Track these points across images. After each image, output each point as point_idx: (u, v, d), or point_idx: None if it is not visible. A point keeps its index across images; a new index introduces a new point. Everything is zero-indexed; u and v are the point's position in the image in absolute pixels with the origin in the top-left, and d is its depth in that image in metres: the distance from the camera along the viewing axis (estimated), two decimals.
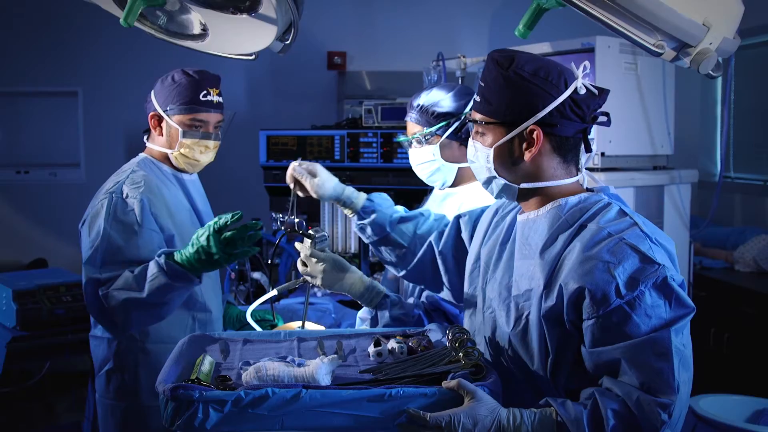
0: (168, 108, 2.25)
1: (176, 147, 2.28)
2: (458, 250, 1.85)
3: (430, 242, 1.92)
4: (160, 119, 2.28)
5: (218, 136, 2.34)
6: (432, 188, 2.33)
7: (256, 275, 3.46)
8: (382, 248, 2.03)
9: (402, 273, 2.02)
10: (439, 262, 1.88)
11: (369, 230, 2.02)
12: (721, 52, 1.48)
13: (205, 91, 2.27)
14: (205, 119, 2.28)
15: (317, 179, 2.06)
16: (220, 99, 2.32)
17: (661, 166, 3.16)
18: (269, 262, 2.51)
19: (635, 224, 1.40)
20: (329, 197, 2.08)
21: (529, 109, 1.43)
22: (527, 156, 1.46)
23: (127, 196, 2.17)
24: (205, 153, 2.32)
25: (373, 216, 2.02)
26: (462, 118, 2.09)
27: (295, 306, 2.95)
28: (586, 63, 1.45)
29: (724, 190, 3.55)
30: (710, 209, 3.59)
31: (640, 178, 2.97)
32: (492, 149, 1.48)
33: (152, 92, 2.30)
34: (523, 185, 1.49)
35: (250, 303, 3.10)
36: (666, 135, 3.11)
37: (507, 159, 1.48)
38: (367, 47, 4.93)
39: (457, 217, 1.88)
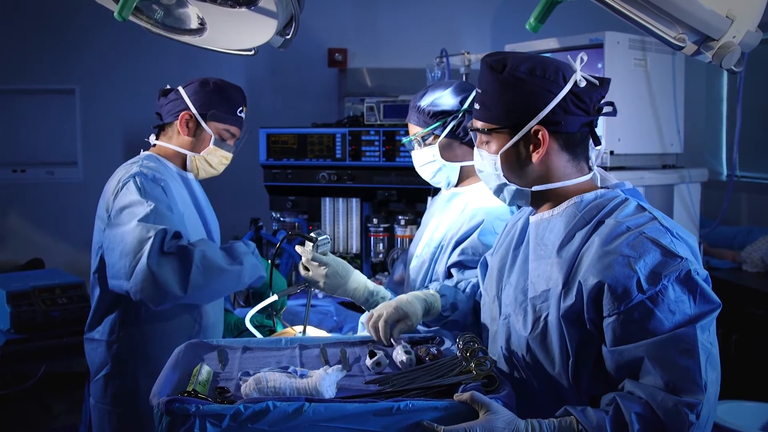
0: (209, 113, 2.26)
1: (203, 152, 2.29)
2: None
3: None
4: (192, 120, 2.27)
5: (235, 150, 2.40)
6: (434, 188, 2.28)
7: None
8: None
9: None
10: None
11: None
12: (744, 46, 1.41)
13: (240, 107, 2.34)
14: (235, 133, 2.35)
15: (408, 321, 1.72)
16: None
17: (671, 164, 3.10)
18: (269, 263, 2.44)
19: (654, 218, 1.36)
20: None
21: (530, 109, 1.40)
22: (535, 157, 1.43)
23: (153, 178, 2.16)
24: (222, 164, 2.36)
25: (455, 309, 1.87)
26: (459, 115, 2.04)
27: (295, 308, 2.89)
28: (583, 55, 1.41)
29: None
30: (717, 208, 3.54)
31: (650, 177, 2.91)
32: (498, 156, 1.46)
33: (183, 91, 2.28)
34: (535, 188, 1.46)
35: (250, 304, 3.03)
36: (675, 133, 3.04)
37: (515, 163, 1.45)
38: (368, 44, 4.87)
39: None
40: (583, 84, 1.40)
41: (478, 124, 1.48)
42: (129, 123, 4.51)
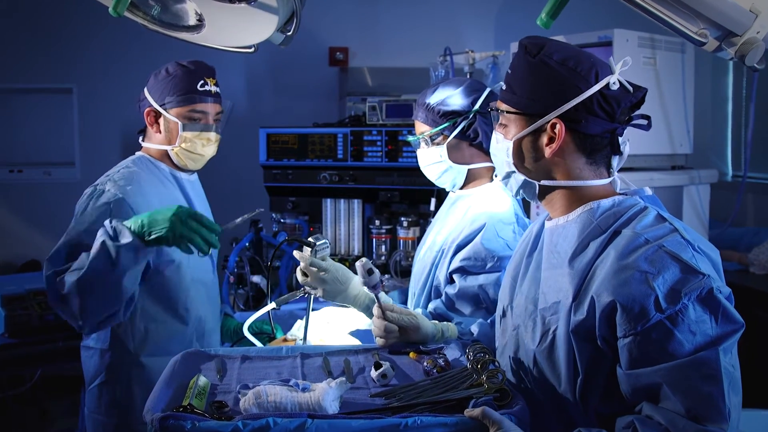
0: (165, 101, 2.16)
1: (177, 142, 2.19)
2: None
3: None
4: (157, 115, 2.19)
5: (218, 129, 2.25)
6: (438, 189, 2.22)
7: (256, 279, 3.33)
8: None
9: None
10: None
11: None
12: None
13: (202, 81, 2.19)
14: (204, 110, 2.20)
15: (420, 331, 1.73)
16: (218, 89, 2.23)
17: (680, 165, 3.04)
18: (269, 264, 2.38)
19: (675, 230, 1.27)
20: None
21: (552, 100, 1.32)
22: (548, 151, 1.35)
23: (108, 191, 2.06)
24: (207, 146, 2.22)
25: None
26: (470, 116, 1.97)
27: (296, 312, 2.82)
28: (628, 59, 1.33)
29: (736, 189, 3.43)
30: (722, 209, 3.47)
31: (659, 178, 2.84)
32: (512, 142, 1.38)
33: (145, 89, 2.21)
34: (543, 182, 1.38)
35: (250, 307, 2.96)
36: (685, 133, 2.98)
37: (527, 153, 1.38)
38: (369, 43, 4.82)
39: None
40: (616, 87, 1.32)
41: (501, 105, 1.42)
42: (127, 123, 4.45)
